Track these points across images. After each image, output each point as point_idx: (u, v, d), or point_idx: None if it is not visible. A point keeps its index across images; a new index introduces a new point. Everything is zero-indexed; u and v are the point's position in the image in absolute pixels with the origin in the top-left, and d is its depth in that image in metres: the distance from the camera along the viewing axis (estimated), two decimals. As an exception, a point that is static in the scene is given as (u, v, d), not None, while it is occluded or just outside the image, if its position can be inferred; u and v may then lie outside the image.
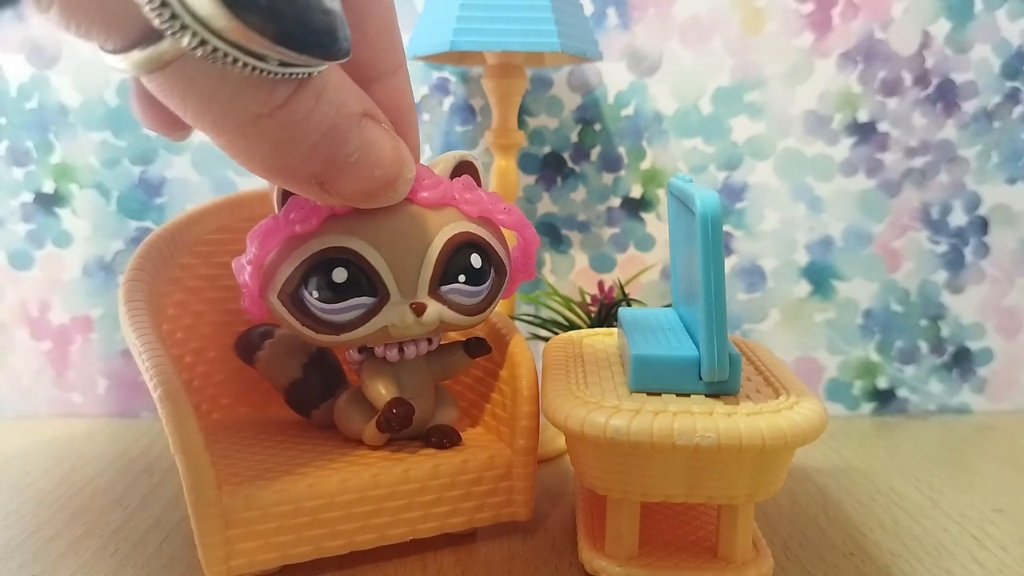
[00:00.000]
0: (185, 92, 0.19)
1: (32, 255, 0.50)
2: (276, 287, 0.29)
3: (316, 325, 0.29)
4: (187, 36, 0.17)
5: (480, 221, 0.30)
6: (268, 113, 0.20)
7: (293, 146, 0.21)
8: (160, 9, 0.17)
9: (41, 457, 0.44)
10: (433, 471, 0.31)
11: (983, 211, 0.51)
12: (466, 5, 0.38)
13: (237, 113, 0.20)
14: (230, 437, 0.35)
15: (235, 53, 0.18)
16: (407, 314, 0.29)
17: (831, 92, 0.50)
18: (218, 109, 0.20)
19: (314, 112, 0.21)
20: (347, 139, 0.22)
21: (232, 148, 0.21)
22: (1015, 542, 0.34)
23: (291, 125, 0.21)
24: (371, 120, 0.23)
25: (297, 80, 0.20)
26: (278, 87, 0.20)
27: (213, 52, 0.18)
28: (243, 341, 0.36)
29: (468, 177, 0.30)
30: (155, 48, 0.18)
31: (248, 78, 0.19)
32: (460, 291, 0.29)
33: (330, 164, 0.23)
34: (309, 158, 0.22)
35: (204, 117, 0.20)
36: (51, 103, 0.48)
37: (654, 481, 0.27)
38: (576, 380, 0.29)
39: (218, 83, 0.19)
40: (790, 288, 0.52)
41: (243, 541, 0.28)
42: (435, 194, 0.29)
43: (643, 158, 0.50)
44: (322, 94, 0.21)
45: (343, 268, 0.28)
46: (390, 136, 0.24)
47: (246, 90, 0.20)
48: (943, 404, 0.53)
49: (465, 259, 0.29)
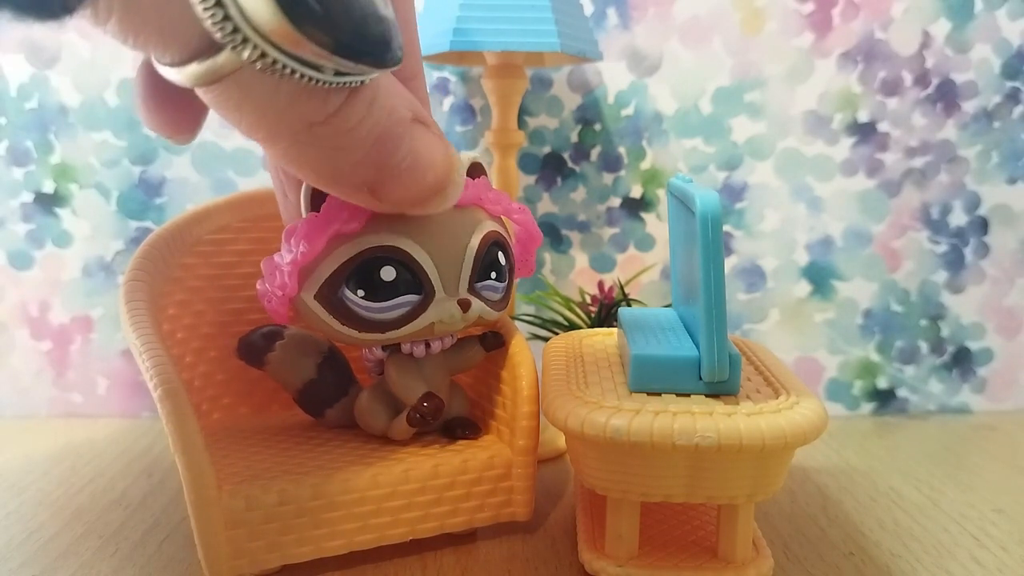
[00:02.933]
0: (240, 103, 0.19)
1: (32, 255, 0.50)
2: (313, 287, 0.29)
3: (358, 325, 0.29)
4: (248, 49, 0.17)
5: (498, 221, 0.31)
6: (322, 121, 0.20)
7: (346, 153, 0.22)
8: (222, 23, 0.17)
9: (41, 457, 0.44)
10: (433, 471, 0.31)
11: (983, 211, 0.51)
12: (466, 5, 0.38)
13: (291, 122, 0.20)
14: (231, 437, 0.35)
15: (293, 64, 0.18)
16: (455, 310, 0.29)
17: (831, 92, 0.50)
18: (273, 118, 0.20)
19: (366, 119, 0.21)
20: (399, 144, 0.22)
21: (286, 157, 0.21)
22: (1015, 542, 0.34)
23: (344, 132, 0.21)
24: (421, 125, 0.23)
25: (350, 88, 0.20)
26: (331, 95, 0.20)
27: (272, 64, 0.18)
28: (247, 344, 0.34)
29: (484, 178, 0.31)
30: (214, 61, 0.18)
31: (303, 87, 0.19)
32: (491, 287, 0.31)
33: (382, 170, 0.23)
34: (361, 165, 0.22)
35: (259, 127, 0.20)
36: (51, 103, 0.48)
37: (654, 481, 0.27)
38: (576, 380, 0.29)
39: (273, 93, 0.19)
40: (790, 288, 0.52)
41: (243, 541, 0.28)
42: (467, 194, 0.29)
43: (643, 158, 0.50)
44: (374, 101, 0.21)
45: (391, 266, 0.28)
46: (440, 140, 0.24)
47: (301, 99, 0.20)
48: (943, 404, 0.53)
49: (494, 256, 0.30)
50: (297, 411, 0.38)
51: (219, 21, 0.17)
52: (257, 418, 0.38)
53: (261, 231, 0.38)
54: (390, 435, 0.33)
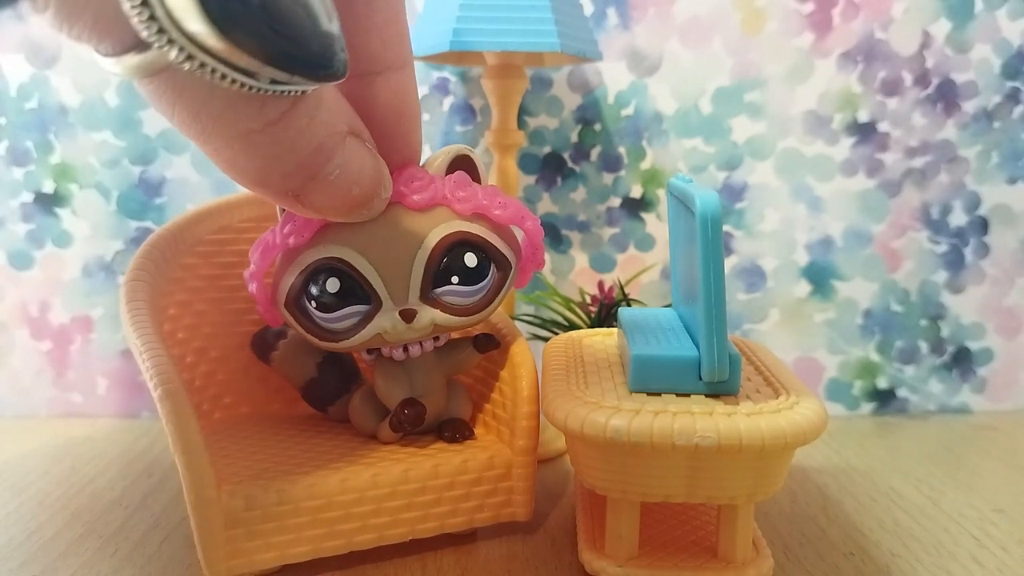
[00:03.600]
0: (174, 101, 0.19)
1: (32, 255, 0.50)
2: (281, 297, 0.30)
3: (319, 332, 0.30)
4: (174, 50, 0.17)
5: (475, 218, 0.30)
6: (259, 129, 0.20)
7: (279, 162, 0.21)
8: (148, 23, 0.17)
9: (41, 457, 0.44)
10: (433, 471, 0.31)
11: (983, 211, 0.51)
12: (466, 5, 0.38)
13: (226, 126, 0.20)
14: (231, 437, 0.35)
15: (223, 69, 0.18)
16: (397, 321, 0.29)
17: (831, 92, 0.50)
18: (207, 120, 0.20)
19: (305, 131, 0.21)
20: (331, 156, 0.22)
21: (217, 157, 0.21)
22: (1015, 542, 0.34)
23: (281, 142, 0.21)
24: (355, 138, 0.23)
25: (291, 98, 0.20)
26: (269, 103, 0.20)
27: (201, 67, 0.17)
28: (259, 341, 0.37)
29: (462, 173, 0.30)
30: (145, 56, 0.18)
31: (238, 93, 0.19)
32: (455, 292, 0.29)
33: (311, 180, 0.23)
34: (292, 173, 0.22)
35: (191, 127, 0.20)
36: (51, 103, 0.48)
37: (654, 481, 0.27)
38: (576, 380, 0.29)
39: (208, 96, 0.19)
40: (790, 288, 0.52)
41: (243, 541, 0.28)
42: (425, 196, 0.29)
43: (643, 158, 0.50)
44: (315, 114, 0.21)
45: (336, 278, 0.28)
46: (371, 155, 0.24)
47: (236, 104, 0.19)
48: (943, 404, 0.53)
49: (459, 259, 0.29)
50: (298, 410, 0.38)
51: (145, 20, 0.17)
52: (258, 418, 0.38)
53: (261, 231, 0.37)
54: (378, 438, 0.33)
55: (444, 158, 0.30)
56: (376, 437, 0.33)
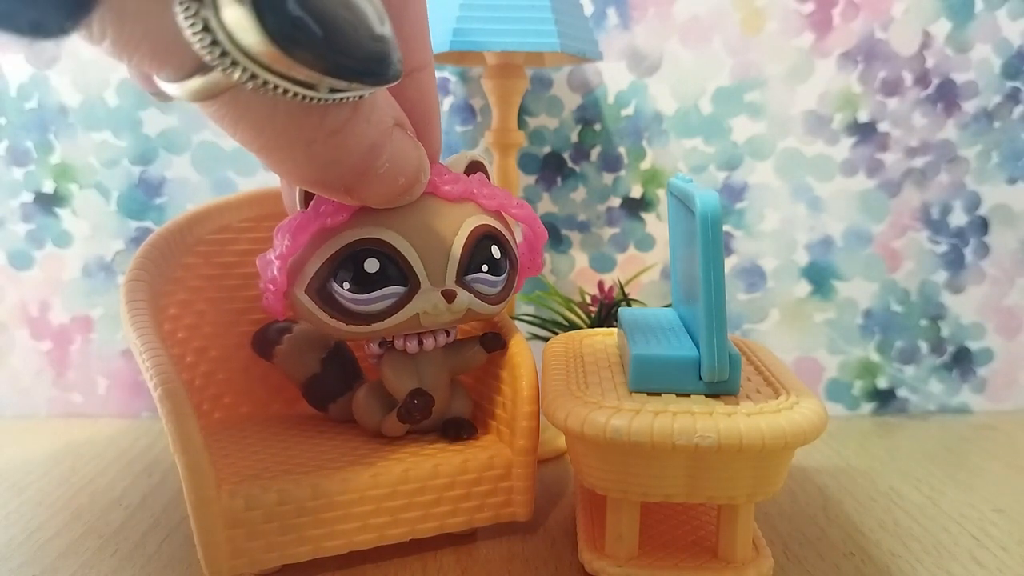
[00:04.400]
0: (238, 120, 0.20)
1: (32, 255, 0.50)
2: (304, 282, 0.29)
3: (346, 317, 0.29)
4: (238, 71, 0.17)
5: (495, 216, 0.31)
6: (322, 139, 0.21)
7: (338, 165, 0.22)
8: (211, 48, 0.17)
9: (41, 457, 0.44)
10: (433, 471, 0.31)
11: (983, 211, 0.51)
12: (466, 5, 0.38)
13: (290, 139, 0.20)
14: (231, 437, 0.35)
15: (285, 84, 0.18)
16: (439, 301, 0.29)
17: (831, 92, 0.50)
18: (271, 135, 0.20)
19: (363, 135, 0.22)
20: (381, 153, 0.23)
21: (279, 167, 0.22)
22: (1015, 542, 0.34)
23: (341, 147, 0.21)
24: (400, 129, 0.24)
25: (351, 104, 0.21)
26: (330, 112, 0.20)
27: (264, 84, 0.18)
28: (261, 337, 0.37)
29: (481, 174, 0.31)
30: (208, 78, 0.18)
31: (301, 105, 0.19)
32: (484, 280, 0.30)
33: (363, 176, 0.23)
34: (347, 173, 0.23)
35: (255, 141, 0.20)
36: (51, 103, 0.48)
37: (654, 481, 0.27)
38: (576, 380, 0.29)
39: (271, 112, 0.19)
40: (790, 288, 0.52)
41: (243, 541, 0.28)
42: (456, 188, 0.30)
43: (643, 158, 0.50)
44: (371, 116, 0.22)
45: (375, 258, 0.28)
46: (414, 143, 0.25)
47: (299, 117, 0.20)
48: (943, 404, 0.53)
49: (487, 250, 0.30)
50: (298, 410, 0.38)
51: (207, 45, 0.17)
52: (258, 417, 0.38)
53: (261, 231, 0.38)
54: (383, 431, 0.33)
55: (459, 163, 0.31)
56: (381, 431, 0.33)
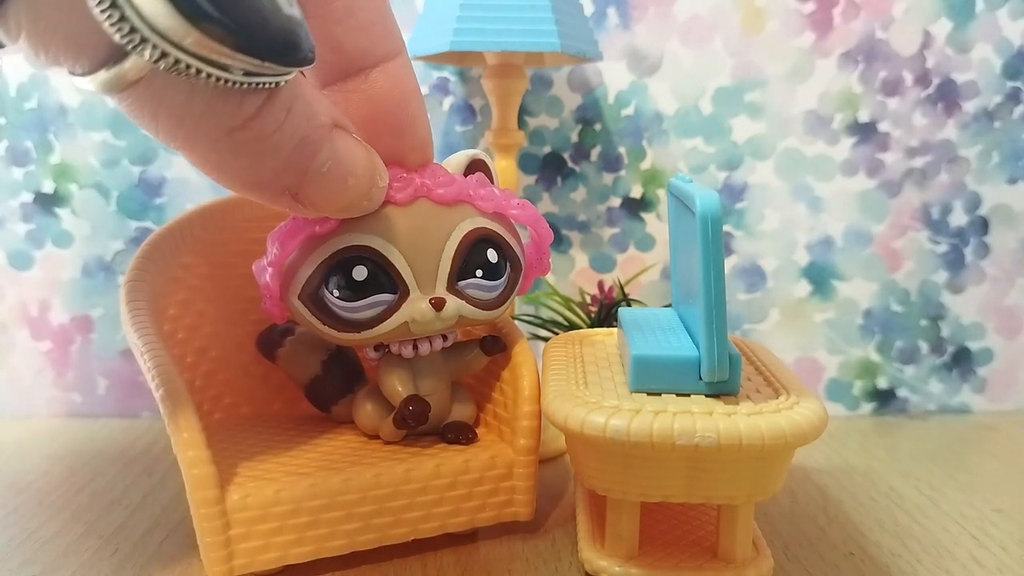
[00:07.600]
0: (156, 110, 0.19)
1: (32, 255, 0.50)
2: (296, 288, 0.29)
3: (338, 324, 0.29)
4: (148, 49, 0.17)
5: (494, 217, 0.31)
6: (240, 126, 0.20)
7: (266, 158, 0.22)
8: (119, 24, 0.17)
9: (41, 457, 0.44)
10: (435, 471, 0.31)
11: (983, 211, 0.51)
12: (466, 5, 0.38)
13: (209, 127, 0.20)
14: (232, 437, 0.35)
15: (197, 64, 0.18)
16: (427, 309, 0.29)
17: (832, 92, 0.50)
18: (190, 125, 0.20)
19: (285, 124, 0.21)
20: (319, 149, 0.23)
21: (205, 164, 0.22)
22: (1015, 542, 0.34)
23: (263, 138, 0.21)
24: (341, 130, 0.24)
25: (267, 91, 0.20)
26: (247, 98, 0.20)
27: (175, 64, 0.18)
28: (264, 338, 0.37)
29: (481, 175, 0.31)
30: (120, 67, 0.18)
31: (217, 91, 0.19)
32: (478, 286, 0.30)
33: (303, 175, 0.23)
34: (282, 170, 0.22)
35: (176, 134, 0.20)
36: (51, 103, 0.48)
37: (654, 481, 0.27)
38: (576, 380, 0.29)
39: (188, 99, 0.19)
40: (790, 288, 0.52)
41: (244, 541, 0.28)
42: (450, 191, 0.29)
43: (643, 158, 0.50)
44: (292, 107, 0.21)
45: (362, 266, 0.28)
46: (361, 145, 0.25)
47: (216, 104, 0.20)
48: (943, 404, 0.53)
49: (482, 254, 0.30)
50: (299, 410, 0.38)
51: (116, 22, 0.17)
52: (259, 418, 0.38)
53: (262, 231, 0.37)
54: (381, 436, 0.33)
55: (460, 162, 0.31)
56: (379, 435, 0.33)
